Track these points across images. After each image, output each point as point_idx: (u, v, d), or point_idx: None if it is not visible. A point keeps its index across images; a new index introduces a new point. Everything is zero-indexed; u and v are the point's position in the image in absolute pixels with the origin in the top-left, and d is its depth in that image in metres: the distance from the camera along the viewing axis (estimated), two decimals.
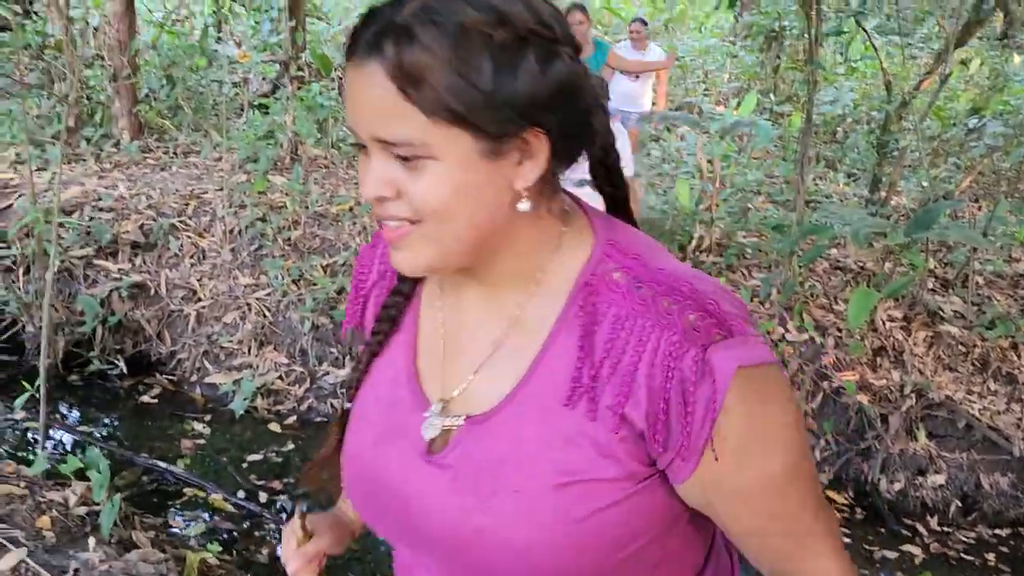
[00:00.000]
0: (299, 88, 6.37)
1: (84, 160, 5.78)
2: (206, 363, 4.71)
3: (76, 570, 2.24)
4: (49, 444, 3.80)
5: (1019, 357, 4.52)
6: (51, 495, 2.54)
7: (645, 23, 6.14)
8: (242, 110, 7.29)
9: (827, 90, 7.98)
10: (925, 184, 6.59)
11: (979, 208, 6.52)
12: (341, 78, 9.18)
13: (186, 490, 3.77)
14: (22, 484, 2.55)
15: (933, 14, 8.77)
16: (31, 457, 3.30)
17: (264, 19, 8.46)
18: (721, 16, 11.95)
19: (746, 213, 5.81)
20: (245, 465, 4.06)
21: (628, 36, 7.01)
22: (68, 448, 4.03)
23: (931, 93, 6.01)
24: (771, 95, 8.41)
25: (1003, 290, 4.91)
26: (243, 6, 9.21)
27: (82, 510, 2.51)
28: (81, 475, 2.89)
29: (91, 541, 2.32)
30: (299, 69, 6.53)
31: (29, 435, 4.08)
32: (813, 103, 5.25)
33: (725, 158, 6.57)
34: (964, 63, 8.95)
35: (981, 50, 9.66)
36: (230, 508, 3.68)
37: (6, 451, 3.90)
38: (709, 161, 6.14)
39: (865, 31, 6.32)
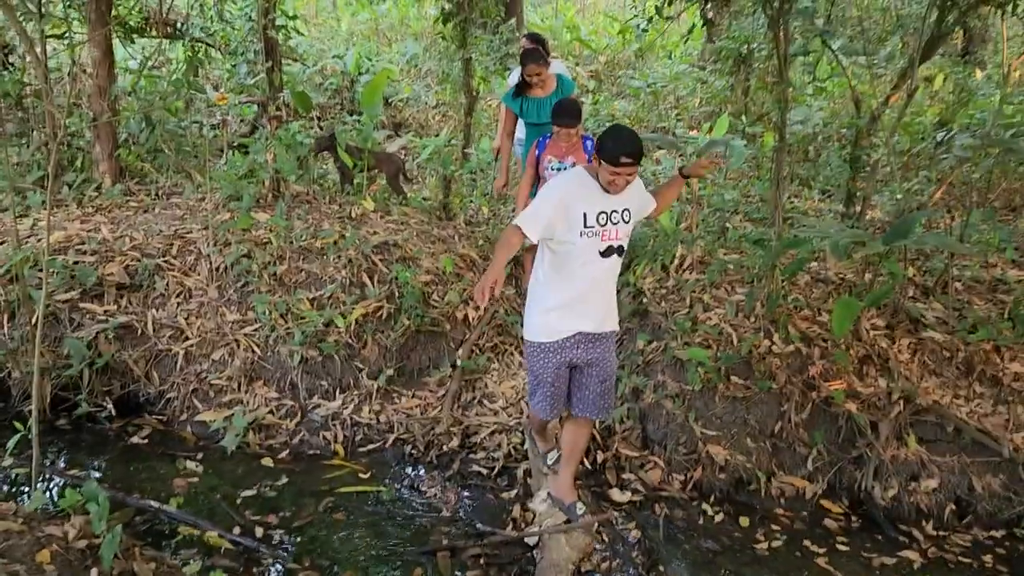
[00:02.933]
0: (278, 127, 6.41)
1: (66, 205, 5.77)
2: (196, 401, 4.68)
3: None
4: (40, 486, 3.75)
5: (1002, 360, 4.59)
6: (50, 529, 2.51)
7: (534, 38, 6.00)
8: (222, 151, 7.33)
9: (797, 110, 8.13)
10: (899, 197, 6.72)
11: (952, 219, 6.64)
12: (319, 117, 9.27)
13: (180, 529, 3.73)
14: (19, 521, 2.52)
15: (896, 33, 9.01)
16: (23, 501, 3.26)
17: (240, 62, 8.54)
18: (690, 43, 12.20)
19: (725, 231, 5.89)
20: (239, 501, 4.02)
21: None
22: (59, 492, 3.96)
23: (899, 108, 6.17)
24: (742, 117, 8.56)
25: (982, 295, 5.00)
26: (219, 51, 9.28)
27: (82, 543, 2.48)
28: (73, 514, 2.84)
29: (93, 573, 2.28)
30: (277, 109, 6.57)
31: (19, 480, 4.01)
32: (785, 121, 5.37)
33: (702, 179, 6.68)
34: (928, 79, 9.18)
35: (944, 66, 9.92)
36: (227, 545, 3.64)
37: None
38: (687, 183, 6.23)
39: (831, 50, 6.48)
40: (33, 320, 4.48)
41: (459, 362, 4.96)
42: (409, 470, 4.42)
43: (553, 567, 3.49)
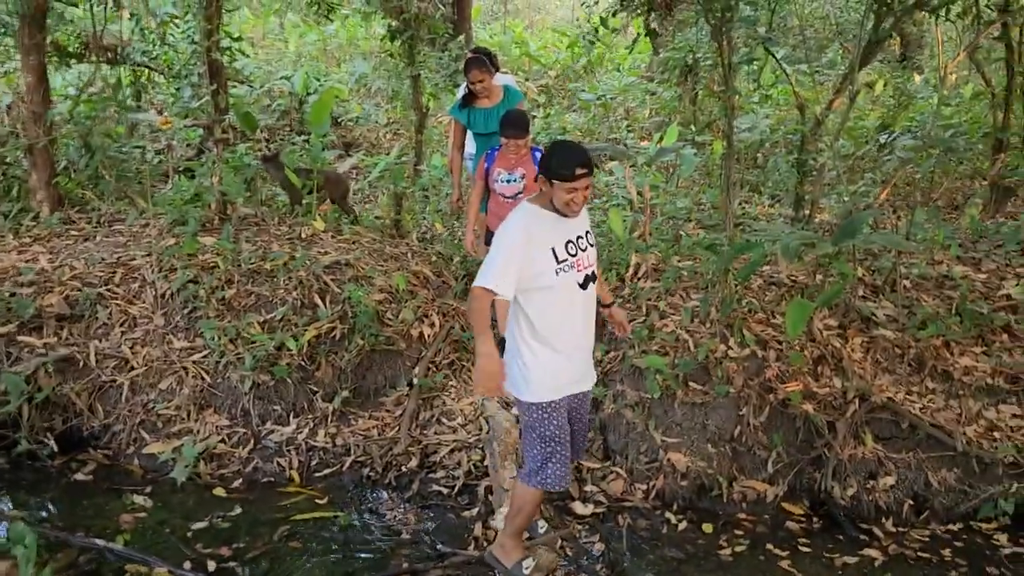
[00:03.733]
0: (224, 150, 6.29)
1: (1, 236, 5.57)
2: (143, 433, 4.53)
3: None
4: None
5: (952, 355, 4.65)
6: None
7: (478, 50, 6.00)
8: (167, 176, 7.17)
9: (744, 118, 8.25)
10: (846, 199, 6.83)
11: (898, 218, 6.77)
12: (268, 138, 9.14)
13: (128, 567, 3.58)
14: None
15: (836, 40, 9.22)
16: None
17: (184, 85, 8.40)
18: (638, 56, 12.34)
19: (678, 239, 5.91)
20: (190, 534, 3.88)
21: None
22: None
23: (842, 113, 6.28)
24: (691, 126, 8.67)
25: (930, 291, 5.07)
26: (162, 74, 9.12)
27: None
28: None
29: None
30: (223, 131, 6.45)
31: None
32: (732, 128, 5.43)
33: (654, 188, 6.72)
34: (870, 85, 9.39)
35: (884, 71, 10.17)
36: None
37: None
38: (639, 192, 6.26)
39: (774, 56, 6.58)
40: None
41: (416, 380, 4.88)
42: (367, 493, 4.31)
43: None
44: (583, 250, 3.11)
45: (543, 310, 3.07)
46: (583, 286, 3.12)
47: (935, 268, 5.30)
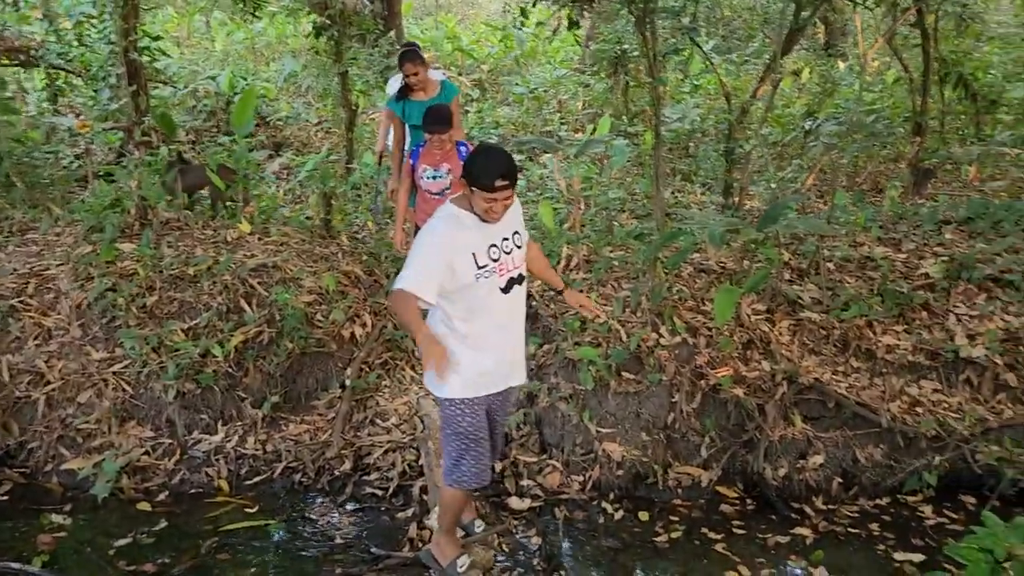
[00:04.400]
0: (146, 152, 6.08)
1: None
2: (61, 449, 4.35)
3: None
4: None
5: (875, 334, 4.77)
6: None
7: (409, 44, 5.91)
8: (86, 181, 6.91)
9: (674, 108, 8.34)
10: (773, 185, 6.95)
11: (824, 203, 6.91)
12: (194, 140, 8.90)
13: None
14: None
15: (762, 30, 9.36)
16: None
17: (102, 87, 8.10)
18: (569, 49, 12.36)
19: (611, 229, 5.93)
20: (112, 552, 3.74)
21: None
22: None
23: (766, 101, 6.39)
24: (623, 117, 8.72)
25: (852, 273, 5.18)
26: (79, 76, 8.78)
27: None
28: None
29: None
30: (144, 134, 6.24)
31: None
32: (661, 119, 5.46)
33: (587, 179, 6.73)
34: (796, 72, 9.58)
35: (810, 59, 10.38)
36: None
37: None
38: (569, 184, 6.27)
39: (698, 46, 6.65)
40: None
41: (348, 382, 4.80)
42: (300, 499, 4.22)
43: None
44: (507, 253, 2.99)
45: (462, 312, 2.98)
46: (505, 290, 3.00)
47: (857, 250, 5.42)
